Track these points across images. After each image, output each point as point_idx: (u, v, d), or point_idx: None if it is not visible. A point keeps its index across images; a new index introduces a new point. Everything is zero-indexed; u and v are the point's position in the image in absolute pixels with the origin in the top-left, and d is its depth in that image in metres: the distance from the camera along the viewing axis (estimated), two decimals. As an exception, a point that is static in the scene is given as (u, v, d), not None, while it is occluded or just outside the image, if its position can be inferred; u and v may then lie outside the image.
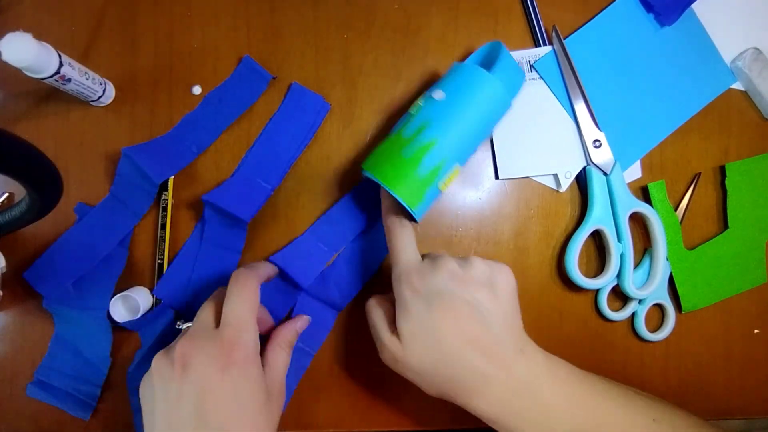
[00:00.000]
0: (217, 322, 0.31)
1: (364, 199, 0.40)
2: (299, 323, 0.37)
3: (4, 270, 0.39)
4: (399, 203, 0.33)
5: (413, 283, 0.31)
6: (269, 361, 0.33)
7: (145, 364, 0.39)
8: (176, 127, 0.41)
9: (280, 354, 0.34)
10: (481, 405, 0.30)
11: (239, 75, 0.41)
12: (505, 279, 0.32)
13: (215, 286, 0.37)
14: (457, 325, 0.30)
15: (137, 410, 0.39)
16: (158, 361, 0.31)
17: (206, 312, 0.32)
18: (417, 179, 0.33)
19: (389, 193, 0.33)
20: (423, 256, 0.34)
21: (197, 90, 0.41)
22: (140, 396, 0.32)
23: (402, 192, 0.33)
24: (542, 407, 0.30)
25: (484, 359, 0.30)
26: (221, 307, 0.32)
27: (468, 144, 0.35)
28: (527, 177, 0.42)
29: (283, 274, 0.39)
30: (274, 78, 0.41)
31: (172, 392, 0.29)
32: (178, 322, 0.39)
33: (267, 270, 0.36)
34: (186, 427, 0.29)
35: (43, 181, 0.27)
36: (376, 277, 0.41)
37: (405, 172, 0.33)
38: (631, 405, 0.33)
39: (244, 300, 0.31)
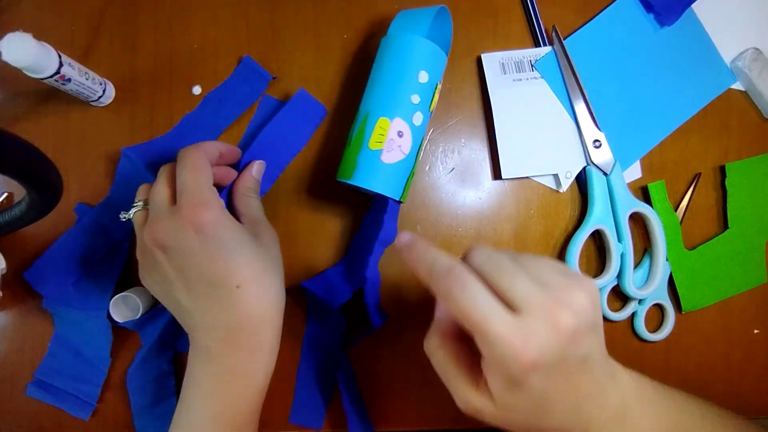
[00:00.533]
0: (173, 199, 0.31)
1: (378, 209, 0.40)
2: (255, 167, 0.37)
3: (4, 271, 0.39)
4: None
5: (533, 361, 0.23)
6: (240, 210, 0.34)
7: (145, 364, 0.39)
8: (176, 127, 0.41)
9: (248, 200, 0.35)
10: None
11: (239, 75, 0.41)
12: (598, 300, 0.26)
13: None
14: (576, 389, 0.25)
15: (138, 411, 0.39)
16: (140, 258, 0.32)
17: (159, 192, 0.32)
18: (350, 154, 0.35)
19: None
20: (481, 270, 0.26)
21: (197, 90, 0.41)
22: (154, 294, 0.33)
23: (340, 173, 0.35)
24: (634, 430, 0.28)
25: (586, 407, 0.26)
26: (172, 184, 0.32)
27: (387, 94, 0.35)
28: (528, 177, 0.42)
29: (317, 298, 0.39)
30: (274, 78, 0.41)
31: (169, 274, 0.30)
32: (122, 214, 0.34)
33: (213, 146, 0.34)
34: (200, 297, 0.30)
35: (43, 181, 0.27)
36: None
37: (344, 156, 0.36)
38: (710, 420, 0.32)
39: (193, 168, 0.31)
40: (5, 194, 0.40)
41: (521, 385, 0.24)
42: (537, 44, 0.42)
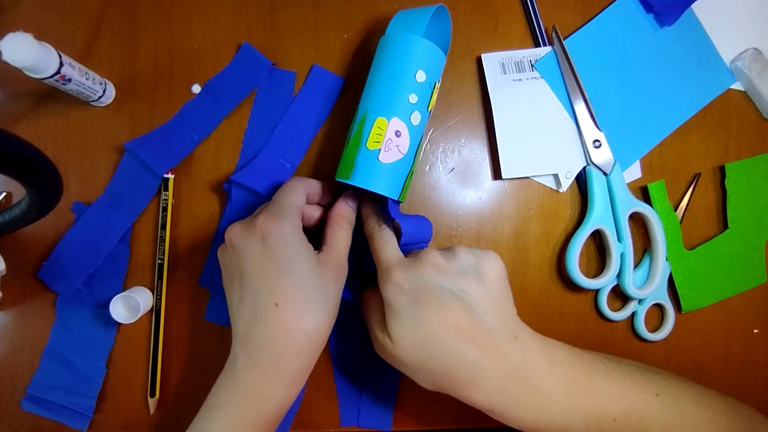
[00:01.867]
0: None
1: None
2: (350, 198, 0.37)
3: (4, 272, 0.39)
4: (372, 205, 0.36)
5: (397, 280, 0.30)
6: (327, 239, 0.34)
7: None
8: (177, 115, 0.41)
9: (338, 229, 0.35)
10: (478, 396, 0.30)
11: (238, 62, 0.41)
12: (492, 265, 0.32)
13: None
14: (445, 318, 0.29)
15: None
16: (220, 252, 0.34)
17: (258, 207, 0.35)
18: (349, 154, 0.35)
19: (365, 201, 0.35)
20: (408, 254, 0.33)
21: (196, 89, 0.41)
22: (224, 287, 0.34)
23: (338, 173, 0.35)
24: (539, 392, 0.30)
25: (476, 350, 0.29)
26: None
27: (385, 94, 0.35)
28: (528, 177, 0.42)
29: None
30: (273, 64, 0.41)
31: (234, 272, 0.32)
32: None
33: (316, 184, 0.36)
34: (245, 302, 0.31)
35: (43, 181, 0.27)
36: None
37: (342, 156, 0.36)
38: (631, 381, 0.32)
39: (287, 190, 0.34)
40: (4, 194, 0.40)
41: (397, 308, 0.30)
42: (537, 44, 0.42)
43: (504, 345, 0.30)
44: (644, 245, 0.42)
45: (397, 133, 0.35)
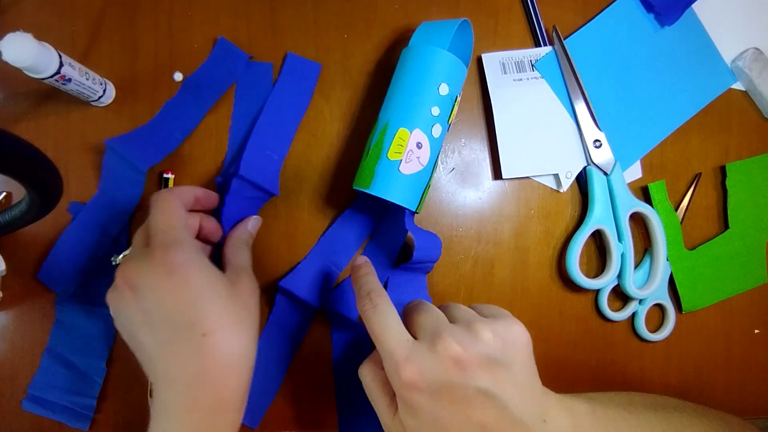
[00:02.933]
0: (148, 241, 0.30)
1: (363, 209, 0.41)
2: (251, 223, 0.37)
3: (4, 272, 0.39)
4: (364, 269, 0.33)
5: (410, 379, 0.26)
6: (228, 259, 0.34)
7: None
8: (158, 114, 0.40)
9: (238, 250, 0.34)
10: None
11: (215, 57, 0.41)
12: (518, 340, 0.28)
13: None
14: (469, 417, 0.26)
15: None
16: (110, 297, 0.30)
17: (137, 237, 0.31)
18: (369, 163, 0.35)
19: (355, 267, 0.33)
20: (409, 312, 0.30)
21: (178, 76, 0.41)
22: (122, 335, 0.31)
23: (357, 182, 0.35)
24: None
25: None
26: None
27: (408, 105, 0.35)
28: (528, 177, 0.42)
29: (294, 297, 0.39)
30: (251, 57, 0.41)
31: (136, 316, 0.29)
32: (112, 258, 0.36)
33: (188, 191, 0.34)
34: (165, 342, 0.28)
35: (43, 181, 0.27)
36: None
37: (362, 165, 0.36)
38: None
39: (165, 211, 0.31)
40: (3, 193, 0.40)
41: (412, 406, 0.26)
42: (537, 44, 0.42)
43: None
44: (645, 245, 0.42)
45: (419, 145, 0.35)
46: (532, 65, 0.41)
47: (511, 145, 0.41)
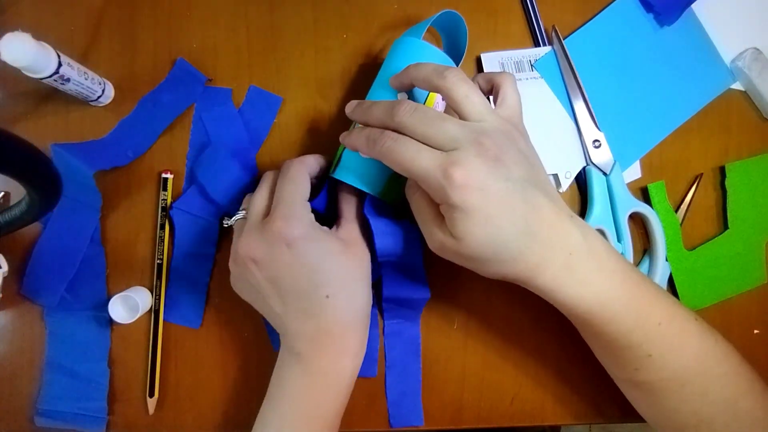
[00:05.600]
0: (269, 210, 0.33)
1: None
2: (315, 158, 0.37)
3: (6, 273, 0.39)
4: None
5: (462, 181, 0.27)
6: (343, 212, 0.35)
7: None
8: (113, 131, 0.40)
9: (350, 200, 0.36)
10: (545, 277, 0.29)
11: (173, 77, 0.41)
12: (520, 126, 0.34)
13: None
14: (513, 209, 0.28)
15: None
16: (233, 268, 0.34)
17: (256, 204, 0.33)
18: (338, 150, 0.36)
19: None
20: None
21: None
22: (248, 300, 0.35)
23: (330, 170, 0.35)
24: (600, 271, 0.30)
25: (546, 230, 0.29)
26: (270, 196, 0.33)
27: (376, 95, 0.36)
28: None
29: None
30: (209, 80, 0.41)
31: (261, 283, 0.32)
32: (224, 220, 0.36)
33: (315, 160, 0.36)
34: (291, 305, 0.32)
35: (43, 181, 0.27)
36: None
37: (335, 154, 0.36)
38: (673, 298, 0.33)
39: (293, 180, 0.33)
40: (2, 193, 0.40)
41: (461, 207, 0.27)
42: (537, 44, 0.42)
43: (566, 222, 0.30)
44: (644, 245, 0.42)
45: None
46: (532, 65, 0.41)
47: (510, 145, 0.41)
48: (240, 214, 0.34)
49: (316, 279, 0.31)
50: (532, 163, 0.30)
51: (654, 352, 0.31)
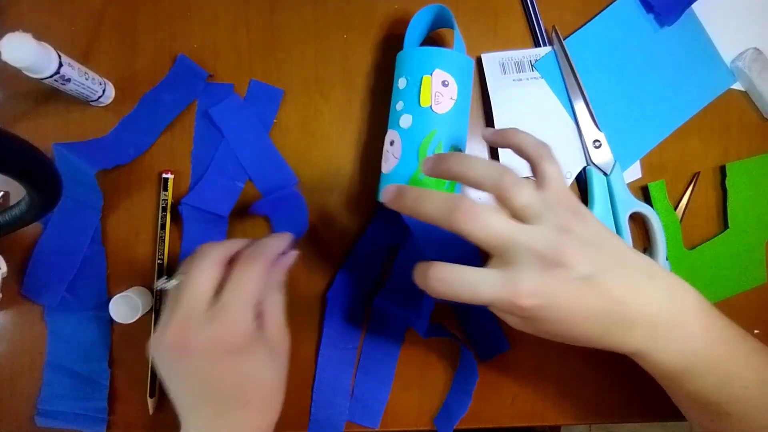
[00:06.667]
0: (215, 291, 0.30)
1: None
2: (287, 260, 0.34)
3: (5, 274, 0.39)
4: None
5: (525, 303, 0.26)
6: (266, 308, 0.32)
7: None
8: (114, 129, 0.40)
9: (274, 299, 0.33)
10: (630, 346, 0.29)
11: (174, 74, 0.41)
12: (586, 211, 0.31)
13: None
14: (590, 309, 0.27)
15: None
16: (156, 343, 0.30)
17: (201, 285, 0.30)
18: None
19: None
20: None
21: None
22: (160, 377, 0.32)
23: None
24: (686, 337, 0.29)
25: (625, 308, 0.28)
26: (217, 278, 0.30)
27: (388, 113, 0.37)
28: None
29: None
30: (210, 75, 0.41)
31: (181, 370, 0.30)
32: (161, 281, 0.34)
33: (278, 247, 0.33)
34: (206, 405, 0.30)
35: (43, 181, 0.27)
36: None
37: None
38: (766, 356, 0.31)
39: (257, 281, 0.30)
40: (2, 193, 0.40)
41: (542, 319, 0.27)
42: (537, 44, 0.42)
43: (648, 292, 0.28)
44: (644, 245, 0.42)
45: (392, 143, 0.36)
46: (532, 65, 0.41)
47: (510, 145, 0.41)
48: (177, 279, 0.31)
49: (243, 389, 0.30)
50: (598, 245, 0.28)
51: (734, 412, 0.30)
